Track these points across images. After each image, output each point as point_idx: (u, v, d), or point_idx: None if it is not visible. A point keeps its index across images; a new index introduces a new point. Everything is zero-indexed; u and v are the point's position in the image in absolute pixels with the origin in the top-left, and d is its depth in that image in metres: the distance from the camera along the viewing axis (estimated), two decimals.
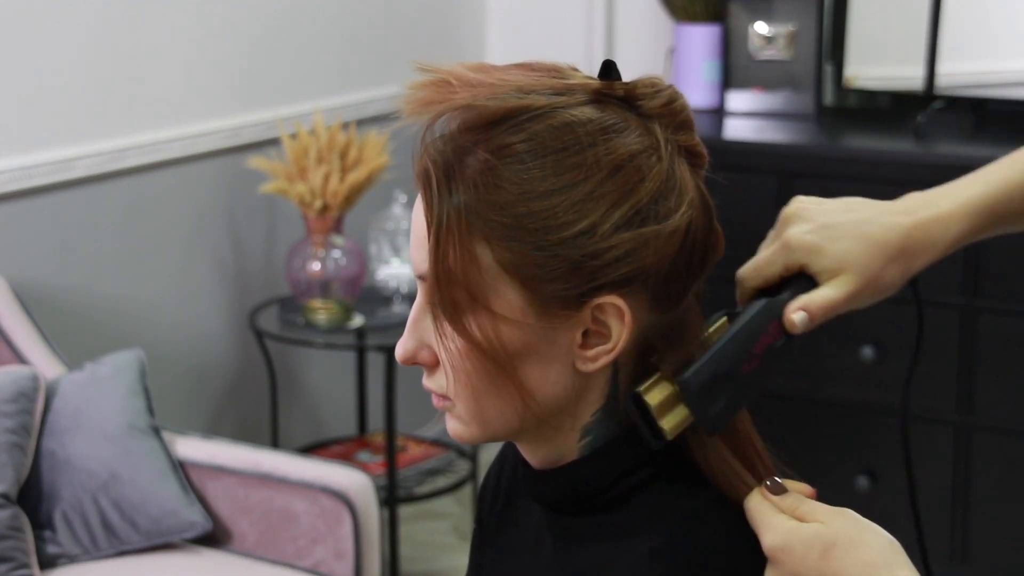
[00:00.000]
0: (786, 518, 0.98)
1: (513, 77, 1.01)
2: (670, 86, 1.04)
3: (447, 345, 1.01)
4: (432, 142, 1.01)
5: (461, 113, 1.00)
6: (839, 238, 1.05)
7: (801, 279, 1.06)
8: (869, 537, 0.96)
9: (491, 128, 0.99)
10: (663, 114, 1.02)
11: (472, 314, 1.00)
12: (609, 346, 1.01)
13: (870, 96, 3.55)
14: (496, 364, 1.00)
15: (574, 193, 0.98)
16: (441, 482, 3.36)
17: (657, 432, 1.00)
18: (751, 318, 1.03)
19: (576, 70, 1.04)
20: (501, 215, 0.98)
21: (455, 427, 1.05)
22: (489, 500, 1.20)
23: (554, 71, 1.03)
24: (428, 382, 1.05)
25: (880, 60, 3.45)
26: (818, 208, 1.07)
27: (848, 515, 0.98)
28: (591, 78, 1.03)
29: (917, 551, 1.14)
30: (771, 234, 1.09)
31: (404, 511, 3.56)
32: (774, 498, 0.99)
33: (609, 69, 1.03)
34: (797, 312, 1.04)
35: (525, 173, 0.98)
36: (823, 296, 1.04)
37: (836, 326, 3.56)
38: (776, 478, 1.01)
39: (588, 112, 1.00)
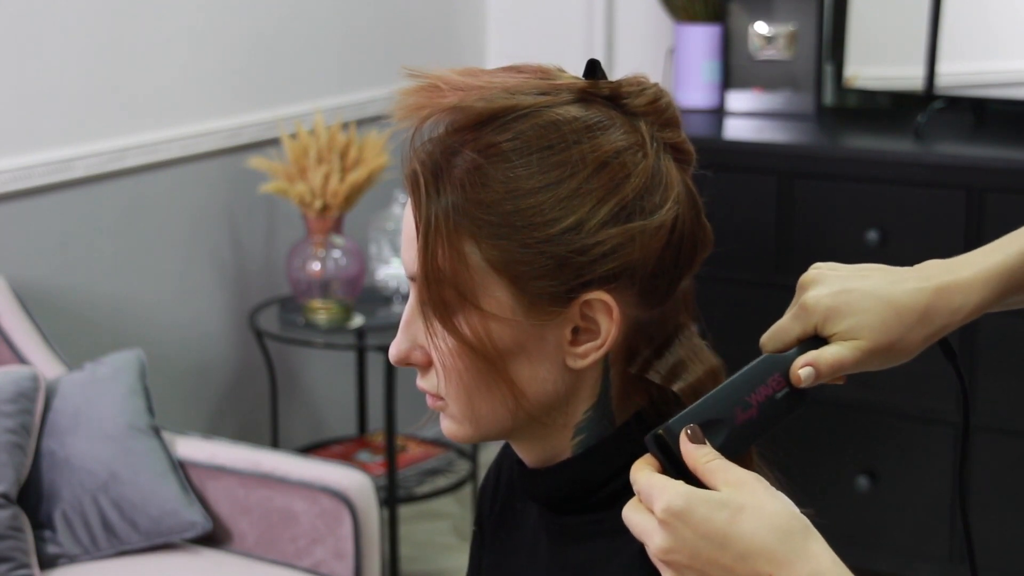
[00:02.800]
0: (681, 482, 0.92)
1: (500, 79, 1.02)
2: (655, 84, 1.05)
3: (438, 344, 1.02)
4: (421, 145, 1.02)
5: (449, 115, 1.01)
6: (857, 301, 1.04)
7: (814, 340, 1.05)
8: (779, 504, 0.91)
9: (478, 128, 1.00)
10: (648, 112, 1.03)
11: (462, 313, 1.01)
12: (598, 342, 1.01)
13: (870, 96, 3.55)
14: (487, 362, 1.01)
15: (560, 190, 0.99)
16: (441, 482, 3.36)
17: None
18: (749, 368, 1.02)
19: (563, 71, 1.06)
20: (488, 214, 0.99)
21: (449, 426, 1.06)
22: (488, 502, 1.21)
23: (541, 72, 1.04)
24: (421, 382, 1.06)
25: (880, 60, 3.45)
26: (835, 273, 1.06)
27: (754, 482, 0.93)
28: (577, 78, 1.04)
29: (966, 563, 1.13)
30: (792, 303, 1.08)
31: (404, 511, 3.56)
32: (690, 446, 0.94)
33: (594, 68, 1.04)
34: (804, 367, 1.02)
35: (511, 171, 0.99)
36: (832, 353, 1.03)
37: None
38: (695, 425, 0.95)
39: (573, 111, 1.01)
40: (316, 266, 3.15)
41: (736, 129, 3.44)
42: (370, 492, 2.57)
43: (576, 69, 1.07)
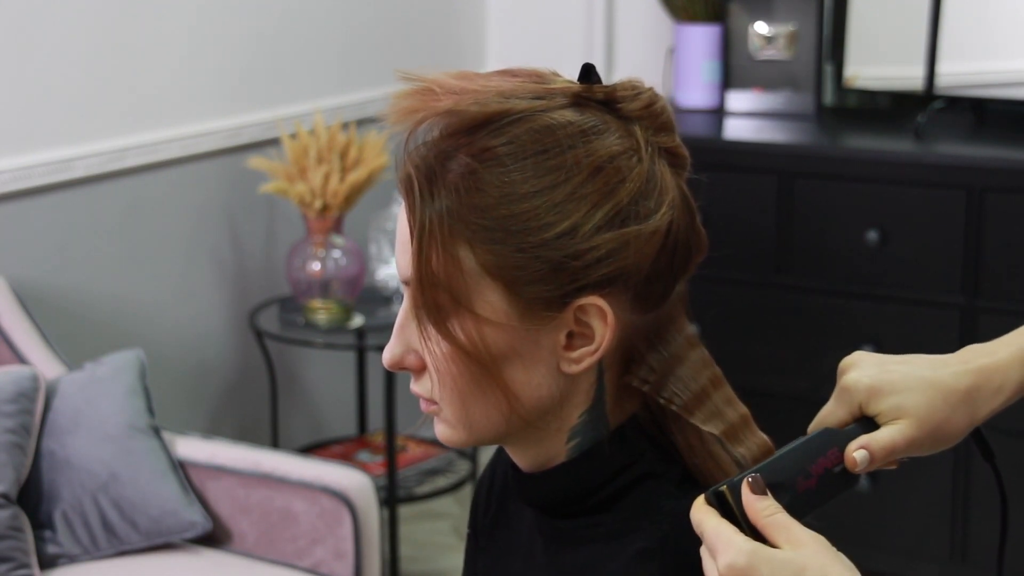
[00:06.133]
0: (746, 538, 0.90)
1: (495, 83, 1.02)
2: (650, 88, 1.05)
3: (432, 349, 1.02)
4: (415, 148, 1.02)
5: (443, 119, 1.01)
6: (898, 382, 1.04)
7: (865, 420, 1.05)
8: (839, 569, 0.90)
9: (472, 132, 1.00)
10: (643, 116, 1.03)
11: (456, 317, 1.00)
12: (593, 347, 1.01)
13: (870, 96, 3.55)
14: (481, 367, 1.01)
15: (555, 195, 0.99)
16: (441, 482, 3.36)
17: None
18: (811, 437, 1.02)
19: (557, 75, 1.05)
20: (483, 218, 0.99)
21: (443, 431, 1.06)
22: (482, 506, 1.20)
23: (535, 76, 1.04)
24: (415, 386, 1.06)
25: (880, 60, 3.45)
26: (875, 357, 1.06)
27: (818, 542, 0.91)
28: (572, 82, 1.04)
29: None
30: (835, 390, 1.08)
31: (404, 511, 3.57)
32: (752, 497, 0.92)
33: (589, 72, 1.04)
34: (859, 451, 1.02)
35: (506, 176, 0.99)
36: (885, 437, 1.03)
37: (835, 325, 3.52)
38: (758, 474, 0.94)
39: (568, 115, 1.01)
40: (316, 266, 3.15)
41: (736, 129, 3.44)
42: (370, 492, 2.57)
43: (576, 69, 1.06)
